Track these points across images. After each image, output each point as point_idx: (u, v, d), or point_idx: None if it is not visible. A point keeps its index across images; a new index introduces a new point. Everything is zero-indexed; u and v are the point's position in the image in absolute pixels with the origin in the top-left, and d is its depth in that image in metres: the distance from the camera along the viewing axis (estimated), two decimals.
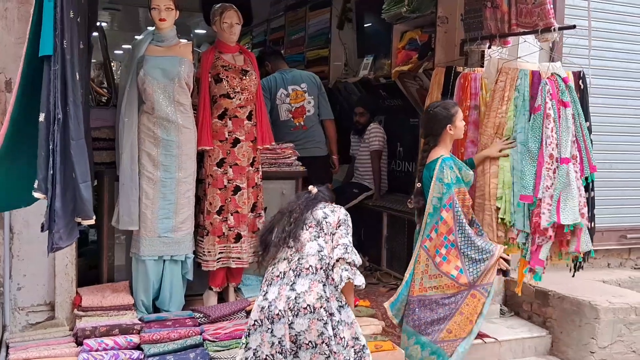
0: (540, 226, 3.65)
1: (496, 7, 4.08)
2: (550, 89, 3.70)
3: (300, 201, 3.07)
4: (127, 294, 3.91)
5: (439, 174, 3.45)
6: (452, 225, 3.43)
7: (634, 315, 4.13)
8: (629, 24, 5.08)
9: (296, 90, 5.24)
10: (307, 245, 2.87)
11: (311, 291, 2.74)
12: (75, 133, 2.72)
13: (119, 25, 10.83)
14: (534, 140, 3.71)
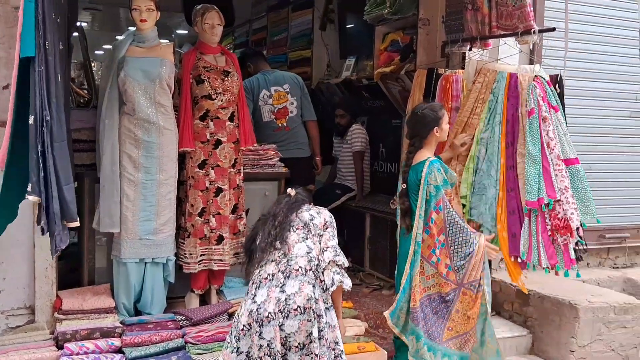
0: (567, 227, 3.63)
1: (477, 9, 4.11)
2: (540, 92, 3.73)
3: (282, 205, 3.07)
4: (108, 296, 3.88)
5: (427, 177, 3.44)
6: (442, 226, 3.44)
7: (612, 314, 4.18)
8: (606, 26, 5.14)
9: (279, 91, 5.23)
10: (296, 246, 2.88)
11: (301, 292, 2.75)
12: (58, 135, 2.71)
13: (100, 25, 10.74)
14: (533, 144, 3.67)
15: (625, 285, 5.05)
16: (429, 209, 3.44)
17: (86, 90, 4.75)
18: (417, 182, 3.49)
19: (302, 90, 5.34)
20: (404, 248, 3.58)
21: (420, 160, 3.51)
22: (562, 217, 3.66)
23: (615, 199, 5.30)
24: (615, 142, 5.29)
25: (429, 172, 3.45)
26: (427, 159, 3.50)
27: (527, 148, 3.69)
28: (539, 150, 3.68)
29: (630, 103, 5.23)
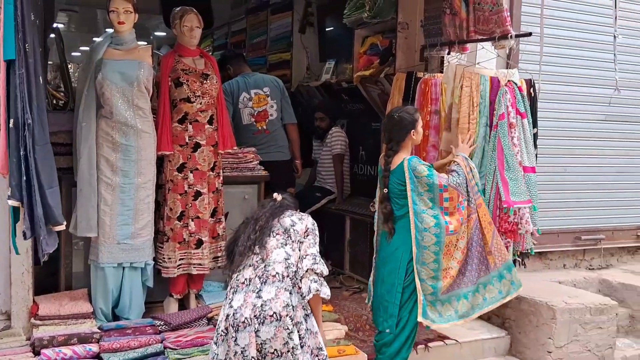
0: (513, 231, 3.76)
1: (455, 13, 4.15)
2: (510, 97, 3.78)
3: (265, 209, 3.05)
4: (86, 302, 3.83)
5: (413, 173, 3.48)
6: (457, 193, 3.54)
7: (588, 315, 4.24)
8: (581, 30, 5.22)
9: (259, 94, 5.22)
10: (274, 252, 2.85)
11: (277, 299, 2.73)
12: (40, 138, 2.67)
13: (76, 27, 10.62)
14: (508, 147, 3.74)
15: (600, 286, 5.13)
16: (436, 196, 3.50)
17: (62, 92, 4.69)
18: (400, 185, 3.51)
19: (283, 93, 5.33)
20: (385, 253, 3.60)
21: (397, 164, 3.54)
22: (512, 222, 3.76)
23: (590, 201, 5.39)
24: (590, 145, 5.37)
25: (412, 167, 3.49)
26: (403, 159, 3.53)
27: (505, 151, 3.74)
28: (513, 155, 3.73)
29: (605, 107, 5.31)
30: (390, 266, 3.56)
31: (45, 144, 2.74)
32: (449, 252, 3.58)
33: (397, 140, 3.57)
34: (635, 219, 5.59)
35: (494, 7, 3.90)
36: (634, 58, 5.44)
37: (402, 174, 3.50)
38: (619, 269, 5.43)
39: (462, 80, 3.94)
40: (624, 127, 5.49)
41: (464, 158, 3.68)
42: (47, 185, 2.76)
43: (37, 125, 2.68)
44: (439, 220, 3.50)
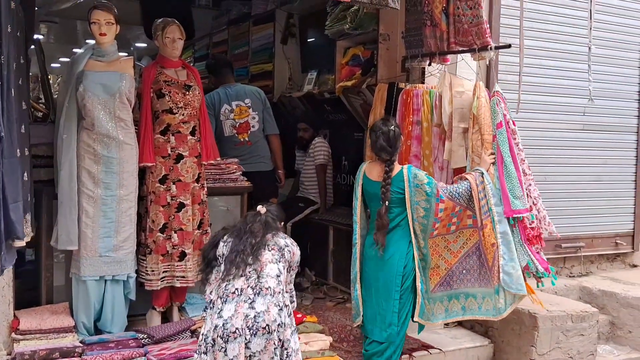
0: (540, 236, 3.82)
1: (435, 25, 4.20)
2: (503, 105, 3.83)
3: (257, 223, 3.01)
4: (67, 315, 3.79)
5: (413, 181, 3.54)
6: (452, 204, 3.60)
7: (570, 323, 4.29)
8: (558, 42, 5.31)
9: (240, 105, 5.22)
10: (268, 266, 2.84)
11: (269, 312, 2.75)
12: (8, 152, 2.64)
13: (56, 38, 10.52)
14: (507, 154, 3.76)
15: (581, 293, 5.19)
16: (432, 207, 3.54)
17: (43, 104, 4.64)
18: (397, 194, 3.56)
19: (264, 104, 5.33)
20: (377, 263, 3.62)
21: (396, 173, 3.59)
22: (535, 227, 3.80)
23: (570, 210, 5.45)
24: (568, 154, 5.45)
25: (413, 175, 3.55)
26: (402, 168, 3.60)
27: (505, 159, 3.76)
28: (512, 162, 3.76)
29: (582, 116, 5.41)
30: (386, 275, 3.59)
31: (12, 157, 2.69)
32: (435, 251, 3.68)
33: (397, 151, 3.66)
34: (613, 227, 5.67)
35: (473, 19, 3.96)
36: (608, 68, 5.55)
37: (400, 182, 3.56)
38: (598, 276, 5.50)
39: (479, 91, 3.89)
40: (600, 135, 5.57)
41: (480, 175, 3.69)
42: (12, 199, 2.71)
43: (6, 138, 2.64)
44: (426, 228, 3.61)
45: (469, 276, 3.75)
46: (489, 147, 3.82)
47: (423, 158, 4.23)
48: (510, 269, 3.64)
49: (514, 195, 3.71)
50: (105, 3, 3.83)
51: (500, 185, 3.73)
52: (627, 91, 5.72)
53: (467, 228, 3.74)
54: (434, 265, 3.73)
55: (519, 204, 3.71)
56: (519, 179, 3.75)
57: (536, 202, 3.85)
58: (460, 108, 4.01)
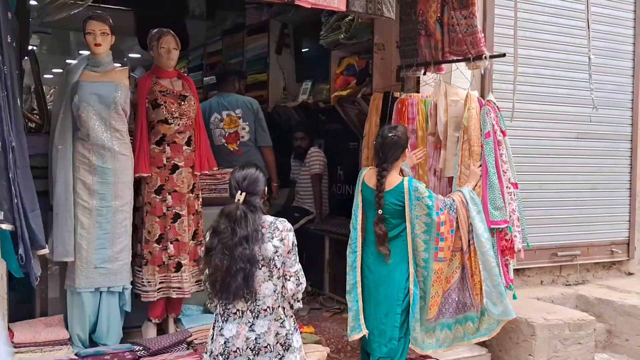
0: (514, 248, 3.77)
1: (430, 35, 4.21)
2: (494, 116, 3.83)
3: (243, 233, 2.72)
4: (62, 328, 3.75)
5: (414, 194, 3.47)
6: (450, 218, 3.54)
7: (567, 331, 4.28)
8: (555, 51, 5.34)
9: (230, 115, 5.16)
10: (262, 286, 2.77)
11: (270, 331, 2.75)
12: (20, 161, 2.63)
13: (49, 49, 10.49)
14: (492, 165, 3.76)
15: (577, 301, 5.19)
16: (431, 222, 3.48)
17: (37, 115, 4.62)
18: (397, 205, 3.49)
19: (256, 115, 5.21)
20: (378, 275, 3.53)
21: (396, 184, 3.51)
22: (509, 239, 3.78)
23: (565, 218, 5.46)
24: (564, 162, 5.46)
25: (414, 188, 3.48)
26: (402, 179, 3.52)
27: (489, 170, 3.76)
28: (495, 173, 3.76)
29: (577, 125, 5.43)
30: (387, 288, 3.51)
31: (25, 167, 2.69)
32: (438, 279, 3.57)
33: (392, 160, 3.53)
34: (608, 235, 5.69)
35: (468, 28, 3.98)
36: (603, 77, 5.57)
37: (400, 194, 3.48)
38: (594, 284, 5.50)
39: (470, 102, 3.88)
40: (595, 144, 5.60)
41: (464, 195, 3.66)
42: (30, 208, 2.72)
43: (18, 148, 2.64)
44: (429, 246, 3.52)
45: (458, 304, 3.67)
46: (478, 158, 3.81)
47: (418, 167, 4.22)
48: (493, 296, 3.64)
49: (494, 206, 3.72)
50: (101, 14, 3.83)
51: (482, 195, 3.74)
52: (621, 100, 5.76)
53: (459, 251, 3.68)
54: (434, 293, 3.58)
55: (497, 215, 3.72)
56: (502, 190, 3.76)
57: (511, 215, 3.80)
58: (455, 117, 4.01)
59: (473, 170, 3.79)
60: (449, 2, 4.07)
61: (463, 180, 3.87)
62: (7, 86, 2.60)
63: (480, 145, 3.81)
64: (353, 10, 3.73)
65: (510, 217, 3.77)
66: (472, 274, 3.67)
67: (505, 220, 3.74)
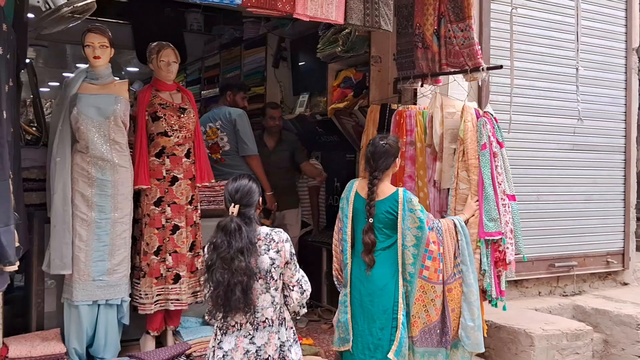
0: (506, 260, 3.76)
1: (427, 47, 4.25)
2: (490, 127, 3.86)
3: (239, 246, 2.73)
4: (59, 342, 3.72)
5: (407, 205, 3.44)
6: (438, 240, 3.51)
7: (565, 341, 4.29)
8: (549, 64, 5.40)
9: (212, 127, 5.19)
10: (260, 298, 2.78)
11: (270, 343, 2.77)
12: None
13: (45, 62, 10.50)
14: (487, 177, 3.77)
15: (574, 312, 5.20)
16: (421, 236, 3.45)
17: (35, 128, 4.62)
18: (390, 215, 3.47)
19: (235, 125, 5.14)
20: (371, 288, 3.47)
21: (389, 193, 3.50)
22: (502, 250, 3.78)
23: (562, 229, 5.49)
24: (559, 174, 5.50)
25: (408, 200, 3.46)
26: (397, 189, 3.51)
27: (484, 181, 3.77)
28: (491, 185, 3.78)
29: (572, 136, 5.48)
30: (383, 303, 3.45)
31: (3, 180, 2.66)
32: (421, 298, 3.51)
33: (383, 169, 3.51)
34: (604, 246, 5.72)
35: (465, 41, 4.01)
36: (596, 89, 5.64)
37: (394, 203, 3.46)
38: (591, 295, 5.52)
39: (465, 114, 3.88)
40: (590, 155, 5.66)
41: (455, 224, 3.62)
42: (2, 223, 2.67)
43: None
44: (416, 261, 3.47)
45: (434, 335, 3.57)
46: (475, 171, 3.81)
47: (417, 178, 4.24)
48: (468, 328, 3.58)
49: (489, 218, 3.73)
50: (100, 26, 3.85)
51: (480, 206, 3.75)
52: (614, 112, 5.82)
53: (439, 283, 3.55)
54: (415, 313, 3.51)
55: (491, 227, 3.73)
56: (497, 202, 3.77)
57: (505, 227, 3.79)
58: (452, 129, 4.02)
59: (469, 204, 3.78)
60: (446, 15, 4.11)
61: (459, 193, 3.87)
62: None
63: (476, 157, 3.81)
64: (351, 23, 3.76)
65: (503, 229, 3.77)
66: (452, 308, 3.57)
67: (500, 232, 3.75)
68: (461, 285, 3.59)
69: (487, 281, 3.73)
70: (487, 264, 3.74)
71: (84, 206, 3.70)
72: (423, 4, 4.25)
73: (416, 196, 4.11)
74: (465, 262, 3.60)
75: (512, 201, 3.89)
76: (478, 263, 3.72)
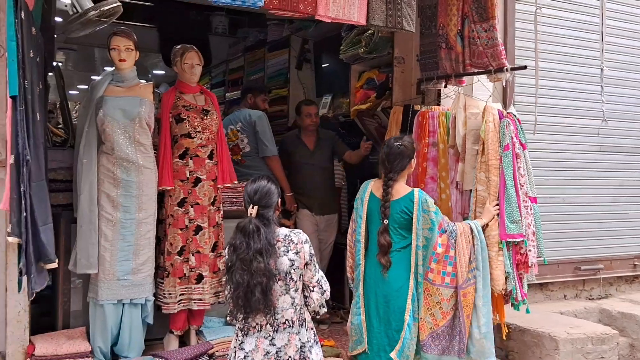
0: (528, 263, 3.71)
1: (451, 48, 4.23)
2: (513, 128, 3.82)
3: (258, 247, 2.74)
4: (84, 340, 3.78)
5: (422, 206, 3.43)
6: (448, 244, 3.47)
7: (590, 345, 4.22)
8: (574, 64, 5.32)
9: (233, 129, 5.22)
10: (280, 300, 2.80)
11: (291, 344, 2.78)
12: (36, 174, 2.68)
13: (74, 65, 10.72)
14: (510, 178, 3.72)
15: (600, 315, 5.12)
16: (431, 237, 3.43)
17: (63, 130, 4.72)
18: (406, 215, 3.46)
19: (254, 127, 5.15)
20: (387, 290, 3.46)
21: (405, 193, 3.50)
22: (524, 253, 3.73)
23: (588, 232, 5.41)
24: (586, 176, 5.43)
25: (423, 200, 3.45)
26: (412, 190, 3.51)
27: (507, 183, 3.73)
28: (513, 186, 3.73)
29: (599, 138, 5.39)
30: (398, 304, 3.45)
31: (40, 180, 2.74)
32: (426, 301, 3.48)
33: (398, 170, 3.52)
34: (631, 249, 5.62)
35: (489, 41, 3.98)
36: (624, 90, 5.54)
37: (410, 203, 3.46)
38: (617, 299, 5.43)
39: (485, 114, 3.85)
40: (617, 157, 5.56)
41: (471, 228, 3.57)
42: (42, 222, 2.75)
43: (34, 161, 2.69)
44: (424, 263, 3.48)
45: (444, 341, 3.51)
46: (495, 172, 3.76)
47: (439, 180, 4.21)
48: (474, 335, 3.53)
49: (511, 219, 3.68)
50: (125, 29, 3.91)
51: (500, 207, 3.71)
52: None
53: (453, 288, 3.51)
54: (422, 316, 3.48)
55: (513, 228, 3.68)
56: (519, 203, 3.72)
57: (527, 230, 3.74)
58: (475, 129, 3.99)
59: (487, 208, 3.73)
60: (470, 15, 4.09)
61: (479, 195, 3.83)
62: (26, 100, 2.65)
63: (497, 158, 3.77)
64: (373, 24, 3.76)
65: (525, 231, 3.73)
66: (467, 314, 3.52)
67: (521, 234, 3.70)
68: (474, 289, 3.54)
69: (512, 284, 3.69)
70: (510, 266, 3.70)
71: (109, 207, 3.76)
72: (447, 5, 4.23)
73: (438, 198, 4.10)
74: (479, 267, 3.55)
75: (534, 203, 3.84)
76: (502, 265, 3.68)
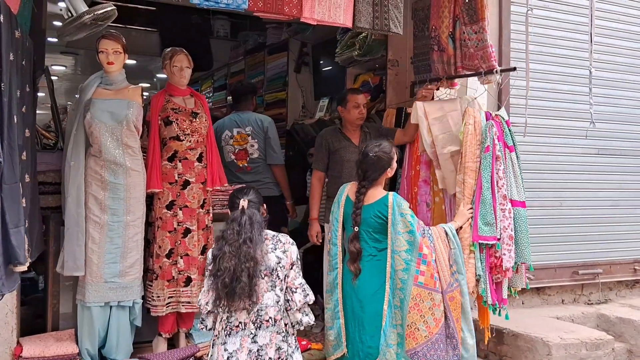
0: (502, 267, 3.65)
1: (443, 50, 4.20)
2: (496, 130, 3.78)
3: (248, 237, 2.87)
4: (72, 342, 3.79)
5: (398, 210, 3.37)
6: (430, 247, 3.42)
7: (584, 351, 4.15)
8: (572, 66, 5.25)
9: (241, 133, 5.17)
10: (265, 295, 2.84)
11: (272, 344, 2.80)
12: (8, 177, 2.67)
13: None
14: (487, 180, 3.69)
15: (598, 321, 5.03)
16: (413, 241, 3.36)
17: (53, 132, 4.74)
18: (380, 219, 3.42)
19: (266, 133, 5.14)
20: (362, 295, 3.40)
21: (379, 197, 3.45)
22: (498, 256, 3.68)
23: (587, 235, 5.32)
24: (585, 179, 5.34)
25: (398, 204, 3.40)
26: (387, 194, 3.45)
27: (483, 185, 3.70)
28: (489, 189, 3.69)
29: (598, 141, 5.32)
30: (373, 309, 3.39)
31: (13, 182, 2.73)
32: (417, 307, 3.35)
33: (371, 180, 3.47)
34: (631, 253, 5.52)
35: (479, 43, 3.95)
36: (623, 93, 5.47)
37: (384, 208, 3.41)
38: (617, 303, 5.34)
39: (465, 117, 3.81)
40: (616, 160, 5.47)
41: (445, 231, 3.52)
42: (13, 224, 2.74)
43: (7, 164, 2.68)
44: (409, 267, 3.35)
45: (440, 350, 3.39)
46: (471, 174, 3.71)
47: (432, 183, 4.18)
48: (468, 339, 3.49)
49: (484, 221, 3.64)
50: (113, 32, 3.91)
51: (475, 209, 3.67)
52: None
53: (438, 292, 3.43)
54: (411, 323, 3.33)
55: (487, 230, 3.63)
56: (494, 206, 3.67)
57: (502, 233, 3.68)
58: (442, 134, 3.93)
59: (461, 211, 3.68)
60: (460, 17, 4.06)
61: (457, 198, 3.79)
62: (2, 103, 2.66)
63: (475, 161, 3.73)
64: (359, 27, 3.75)
65: (500, 235, 3.67)
66: (456, 318, 3.45)
67: (495, 236, 3.64)
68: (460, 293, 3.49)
69: (482, 287, 3.64)
70: (481, 269, 3.64)
71: (97, 209, 3.77)
72: (439, 7, 4.20)
73: (432, 201, 4.07)
74: (460, 271, 3.50)
75: (521, 207, 3.76)
76: (473, 268, 3.63)
